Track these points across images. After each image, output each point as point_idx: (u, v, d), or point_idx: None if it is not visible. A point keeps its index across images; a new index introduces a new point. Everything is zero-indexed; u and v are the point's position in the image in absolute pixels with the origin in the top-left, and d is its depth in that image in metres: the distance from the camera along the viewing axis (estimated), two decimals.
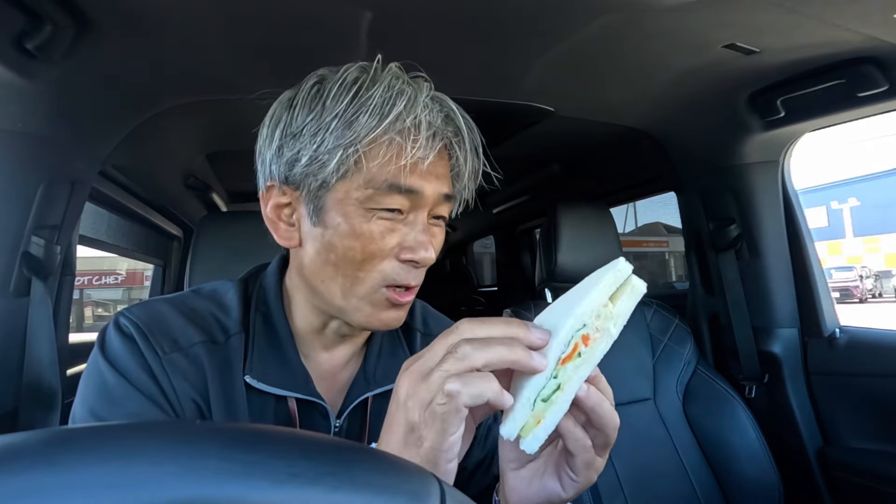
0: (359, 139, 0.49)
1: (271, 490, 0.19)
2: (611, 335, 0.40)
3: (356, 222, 0.51)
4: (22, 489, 0.17)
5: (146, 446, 0.20)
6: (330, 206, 0.52)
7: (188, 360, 0.53)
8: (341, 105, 0.50)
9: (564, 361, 0.40)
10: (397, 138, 0.50)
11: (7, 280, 0.89)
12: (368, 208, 0.51)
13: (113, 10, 0.79)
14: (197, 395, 0.52)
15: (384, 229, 0.52)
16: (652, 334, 1.45)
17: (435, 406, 0.37)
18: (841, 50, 0.97)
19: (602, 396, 0.42)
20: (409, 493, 0.21)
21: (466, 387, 0.37)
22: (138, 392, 0.50)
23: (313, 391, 0.56)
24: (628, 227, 5.50)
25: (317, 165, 0.51)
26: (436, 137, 0.51)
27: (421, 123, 0.50)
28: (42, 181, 0.91)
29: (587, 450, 0.43)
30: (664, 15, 0.85)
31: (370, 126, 0.49)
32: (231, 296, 0.59)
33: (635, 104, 1.26)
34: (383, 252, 0.52)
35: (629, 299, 0.41)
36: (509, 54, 1.01)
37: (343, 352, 0.61)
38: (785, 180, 1.37)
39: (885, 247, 19.00)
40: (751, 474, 1.26)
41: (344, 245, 0.52)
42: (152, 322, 0.53)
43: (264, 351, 0.56)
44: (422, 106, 0.51)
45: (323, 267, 0.54)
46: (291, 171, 0.53)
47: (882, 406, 1.20)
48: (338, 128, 0.50)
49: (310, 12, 0.83)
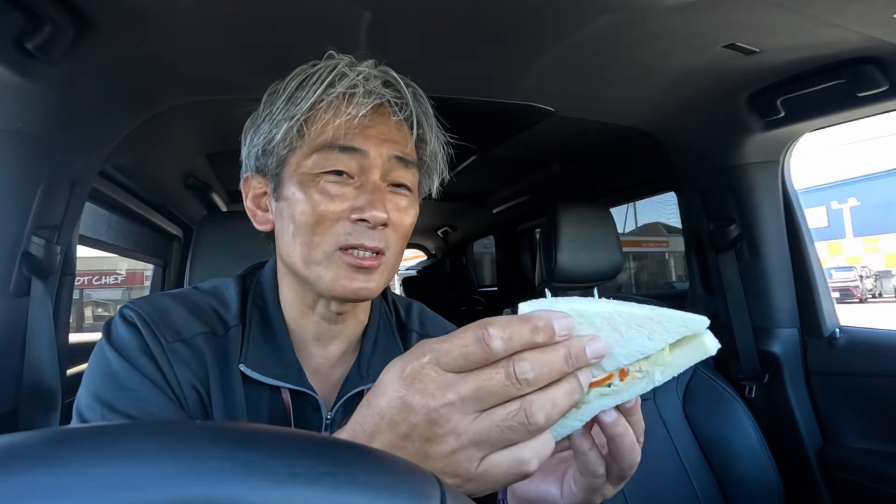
0: (300, 110, 0.54)
1: (271, 490, 0.19)
2: (653, 381, 0.36)
3: (306, 188, 0.55)
4: (22, 489, 0.17)
5: (146, 446, 0.20)
6: (286, 181, 0.57)
7: (190, 350, 0.55)
8: (290, 88, 0.56)
9: (592, 385, 0.35)
10: (334, 102, 0.55)
11: (7, 280, 0.89)
12: (316, 174, 0.55)
13: (113, 10, 0.79)
14: (198, 383, 0.54)
15: (334, 192, 0.54)
16: None
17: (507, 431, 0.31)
18: (841, 50, 0.97)
19: (628, 429, 0.39)
20: (410, 493, 0.21)
21: (549, 416, 0.32)
22: (142, 376, 0.52)
23: (306, 383, 0.57)
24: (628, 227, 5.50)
25: (271, 145, 0.57)
26: (371, 96, 0.54)
27: (357, 86, 0.54)
28: (42, 181, 0.91)
29: (596, 475, 0.41)
30: (664, 15, 0.85)
31: (308, 97, 0.54)
32: (231, 291, 0.61)
33: (635, 104, 1.26)
34: (334, 214, 0.54)
35: (690, 354, 0.36)
36: (509, 54, 1.01)
37: (337, 347, 0.62)
38: (785, 180, 1.37)
39: (885, 247, 19.00)
40: (751, 474, 1.26)
41: (297, 212, 0.55)
42: (156, 314, 0.55)
43: (260, 343, 0.58)
44: (358, 73, 0.55)
45: (289, 241, 0.57)
46: (258, 159, 0.59)
47: (882, 406, 1.20)
48: (284, 106, 0.56)
49: (309, 12, 0.83)
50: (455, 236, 3.47)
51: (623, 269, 1.53)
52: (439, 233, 3.48)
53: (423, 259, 4.30)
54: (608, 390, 0.36)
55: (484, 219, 2.87)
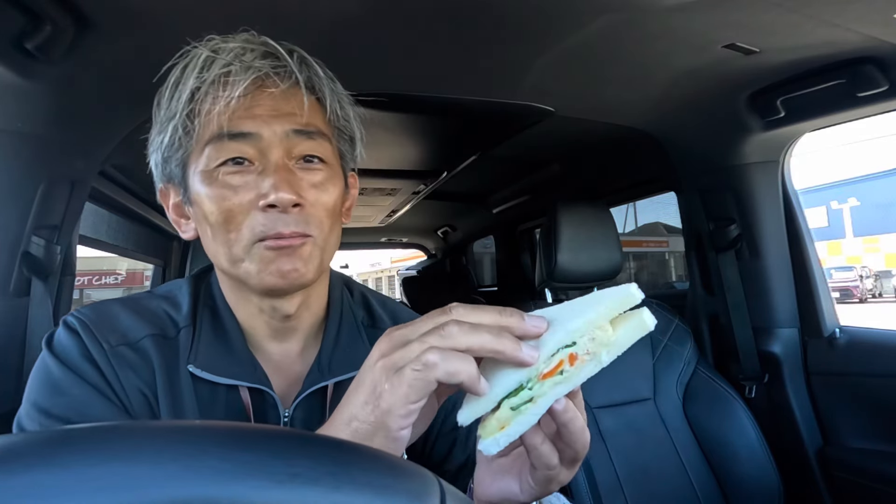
0: (179, 108, 0.51)
1: (271, 490, 0.19)
2: (600, 362, 0.38)
3: (209, 186, 0.52)
4: (22, 489, 0.17)
5: (146, 446, 0.20)
6: (191, 183, 0.54)
7: (136, 353, 0.53)
8: (169, 87, 0.53)
9: (544, 377, 0.38)
10: (210, 90, 0.51)
11: (7, 280, 0.89)
12: (212, 168, 0.52)
13: (113, 10, 0.79)
14: (145, 387, 0.53)
15: (236, 183, 0.51)
16: (652, 334, 1.44)
17: (406, 370, 0.36)
18: (841, 50, 0.97)
19: (577, 413, 0.40)
20: (409, 492, 0.21)
21: (445, 362, 0.36)
22: (83, 381, 0.50)
23: (261, 380, 0.55)
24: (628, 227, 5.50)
25: (167, 151, 0.54)
26: (248, 71, 0.50)
27: (230, 65, 0.50)
28: (42, 181, 0.91)
29: (550, 467, 0.42)
30: (664, 15, 0.85)
31: (182, 91, 0.51)
32: (183, 292, 0.60)
33: (635, 104, 1.26)
34: (242, 206, 0.51)
35: (632, 331, 0.39)
36: (509, 54, 1.01)
37: (296, 343, 0.61)
38: (785, 180, 1.37)
39: (885, 247, 18.99)
40: (751, 474, 1.26)
41: (207, 212, 0.52)
42: (98, 318, 0.54)
43: (211, 342, 0.56)
44: (229, 52, 0.51)
45: (211, 244, 0.54)
46: (162, 168, 0.56)
47: (882, 406, 1.20)
48: (165, 107, 0.53)
49: (308, 12, 0.83)
50: (455, 236, 3.47)
51: (623, 269, 1.53)
52: (439, 233, 3.49)
53: (423, 259, 4.30)
54: (560, 378, 0.38)
55: (484, 219, 2.87)
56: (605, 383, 1.35)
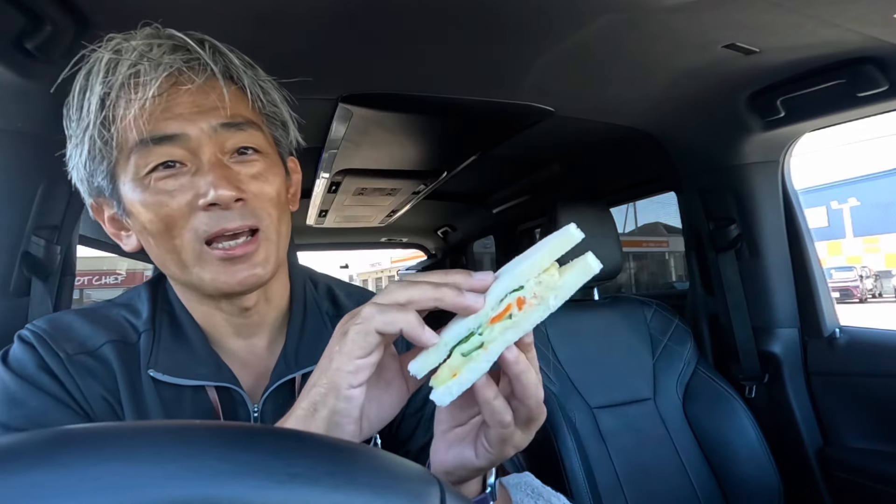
0: (90, 120, 0.48)
1: (271, 490, 0.19)
2: (548, 306, 0.39)
3: (142, 194, 0.50)
4: (22, 489, 0.17)
5: (146, 446, 0.20)
6: (122, 194, 0.51)
7: (97, 361, 0.53)
8: (76, 98, 0.51)
9: (493, 321, 0.38)
10: (122, 94, 0.48)
11: (7, 280, 0.89)
12: (143, 176, 0.49)
13: (113, 10, 0.79)
14: (107, 394, 0.52)
15: (171, 188, 0.49)
16: (652, 334, 1.45)
17: (349, 328, 0.39)
18: (841, 50, 0.97)
19: (529, 365, 0.40)
20: (409, 493, 0.21)
21: (382, 313, 0.38)
22: (40, 391, 0.49)
23: (227, 378, 0.55)
24: (628, 227, 5.50)
25: (89, 165, 0.51)
26: (158, 68, 0.48)
27: (137, 65, 0.47)
28: (42, 181, 0.91)
29: (504, 425, 0.41)
30: (664, 15, 0.85)
31: (94, 99, 0.48)
32: (142, 298, 0.59)
33: (635, 104, 1.26)
34: (181, 210, 0.49)
35: (578, 274, 0.39)
36: (509, 54, 1.01)
37: (261, 338, 0.60)
38: (785, 180, 1.37)
39: (885, 247, 18.98)
40: (751, 474, 1.26)
41: (145, 221, 0.50)
42: (54, 330, 0.53)
43: (170, 345, 0.55)
44: (134, 51, 0.48)
45: (156, 253, 0.53)
46: (88, 183, 0.54)
47: (882, 406, 1.20)
48: (76, 120, 0.50)
49: (307, 12, 0.83)
50: (455, 236, 3.47)
51: (623, 269, 1.53)
52: (439, 233, 3.48)
53: (423, 259, 4.30)
54: (509, 322, 0.38)
55: (484, 219, 2.87)
56: (605, 383, 1.35)
